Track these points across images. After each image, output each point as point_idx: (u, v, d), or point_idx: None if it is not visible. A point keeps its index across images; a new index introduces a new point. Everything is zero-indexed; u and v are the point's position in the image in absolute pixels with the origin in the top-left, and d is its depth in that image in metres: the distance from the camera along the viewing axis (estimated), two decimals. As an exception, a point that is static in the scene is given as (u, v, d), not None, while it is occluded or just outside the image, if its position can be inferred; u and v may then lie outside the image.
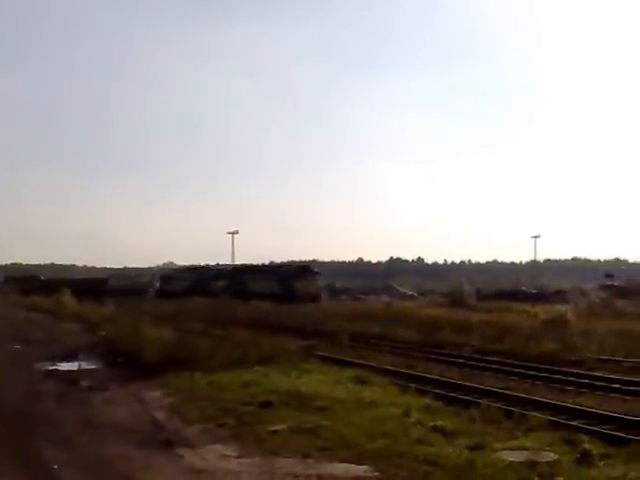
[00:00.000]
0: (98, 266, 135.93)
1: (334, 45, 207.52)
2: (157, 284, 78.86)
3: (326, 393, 12.52)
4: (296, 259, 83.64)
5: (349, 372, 15.58)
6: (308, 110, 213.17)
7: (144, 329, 20.60)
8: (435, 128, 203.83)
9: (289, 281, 57.37)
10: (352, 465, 8.17)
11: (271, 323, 31.83)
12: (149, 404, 12.67)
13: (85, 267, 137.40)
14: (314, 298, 52.89)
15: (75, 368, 17.78)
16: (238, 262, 78.49)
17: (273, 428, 9.87)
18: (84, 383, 15.18)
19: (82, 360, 19.04)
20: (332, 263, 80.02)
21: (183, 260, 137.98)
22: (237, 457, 8.70)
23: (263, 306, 42.60)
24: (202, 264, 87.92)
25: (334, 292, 71.93)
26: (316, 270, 63.18)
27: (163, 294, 64.82)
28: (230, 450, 9.03)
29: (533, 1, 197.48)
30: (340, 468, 8.11)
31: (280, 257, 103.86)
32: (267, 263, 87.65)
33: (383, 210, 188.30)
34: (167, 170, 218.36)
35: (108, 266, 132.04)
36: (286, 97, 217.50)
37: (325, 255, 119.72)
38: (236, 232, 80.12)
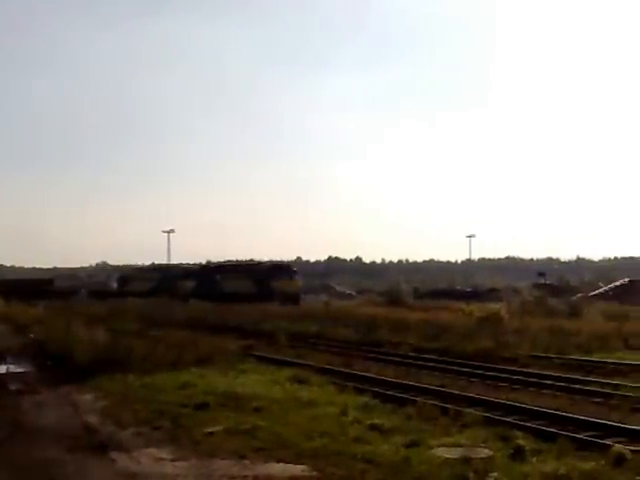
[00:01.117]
0: (26, 266, 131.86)
1: (266, 41, 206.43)
2: (114, 285, 74.82)
3: (263, 393, 12.47)
4: (233, 258, 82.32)
5: (287, 372, 15.54)
6: (240, 108, 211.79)
7: (75, 330, 20.04)
8: (370, 127, 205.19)
9: (267, 281, 54.26)
10: (289, 465, 8.12)
11: (210, 323, 31.50)
12: (81, 407, 12.32)
13: (13, 267, 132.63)
14: (294, 299, 49.90)
15: (3, 371, 17.17)
16: (174, 262, 77.15)
17: (209, 430, 9.74)
18: (13, 387, 14.67)
19: (10, 363, 18.40)
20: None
21: (116, 260, 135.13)
22: (172, 460, 8.54)
23: (202, 306, 42.14)
24: (166, 263, 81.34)
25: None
26: (295, 269, 60.37)
27: (121, 296, 58.59)
28: (165, 453, 8.85)
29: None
30: (277, 468, 8.06)
31: (217, 257, 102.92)
32: (236, 261, 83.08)
33: (321, 209, 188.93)
34: (99, 169, 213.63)
35: (37, 266, 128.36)
36: (218, 94, 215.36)
37: (262, 254, 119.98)
38: (172, 231, 78.89)
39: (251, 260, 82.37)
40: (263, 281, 54.43)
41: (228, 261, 72.97)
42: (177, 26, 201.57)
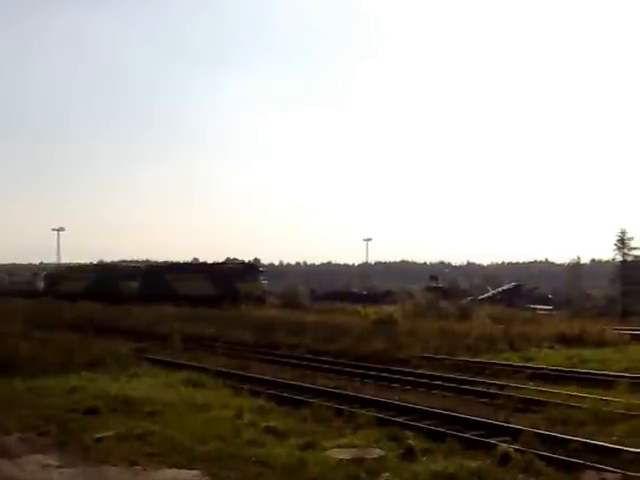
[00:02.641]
0: None
1: (172, 36, 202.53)
2: (40, 285, 67.64)
3: (156, 397, 12.23)
4: (127, 258, 79.90)
5: (181, 375, 15.32)
6: (142, 104, 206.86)
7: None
8: (270, 127, 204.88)
9: (230, 282, 49.16)
10: (182, 470, 8.00)
11: (101, 325, 30.54)
12: (-40, 414, 11.68)
13: None
14: (260, 301, 45.91)
15: None
16: (64, 261, 73.93)
17: (99, 435, 9.46)
18: None
19: None
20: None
21: (1, 259, 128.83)
22: (59, 467, 8.24)
23: (92, 307, 40.74)
24: (107, 261, 76.72)
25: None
26: (262, 269, 55.65)
27: (49, 296, 52.76)
28: (52, 460, 8.53)
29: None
30: (170, 474, 7.92)
31: (111, 256, 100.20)
32: (139, 261, 77.23)
33: (220, 210, 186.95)
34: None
35: None
36: (119, 93, 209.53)
37: (159, 255, 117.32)
38: (62, 229, 76.22)
39: (147, 260, 79.93)
40: (225, 282, 49.43)
41: (133, 260, 69.59)
42: (78, 22, 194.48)
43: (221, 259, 62.09)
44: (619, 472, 7.89)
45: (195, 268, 57.39)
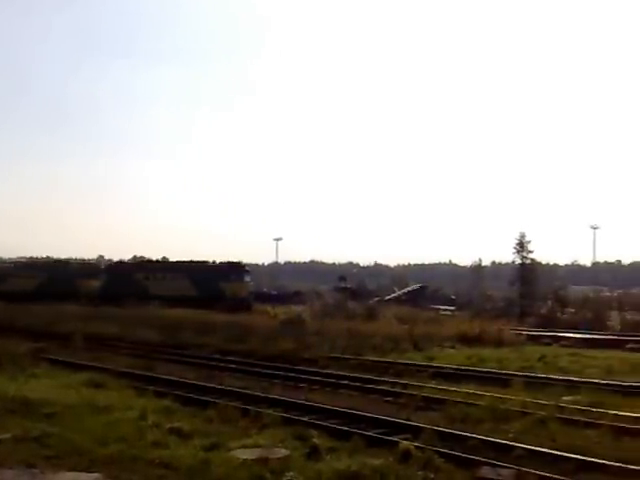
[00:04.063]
0: None
1: (81, 33, 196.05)
2: None
3: (56, 399, 11.90)
4: (35, 256, 76.45)
5: (83, 376, 14.98)
6: (53, 100, 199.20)
7: None
8: (179, 123, 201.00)
9: (213, 282, 45.93)
10: (82, 473, 7.80)
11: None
12: None
13: None
14: (245, 303, 43.08)
15: None
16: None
17: (-5, 438, 9.10)
18: None
19: None
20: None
21: None
22: (-49, 472, 7.87)
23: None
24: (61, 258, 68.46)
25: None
26: (247, 269, 51.33)
27: None
28: (-56, 464, 8.13)
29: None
30: (69, 477, 7.71)
31: (11, 253, 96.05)
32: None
33: (128, 208, 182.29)
34: None
35: None
36: (30, 87, 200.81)
37: (62, 252, 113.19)
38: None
39: (47, 257, 76.57)
40: (207, 282, 46.13)
41: (80, 259, 63.94)
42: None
43: (127, 257, 59.29)
44: (514, 468, 8.24)
45: (171, 266, 52.29)
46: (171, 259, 60.19)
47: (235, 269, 48.62)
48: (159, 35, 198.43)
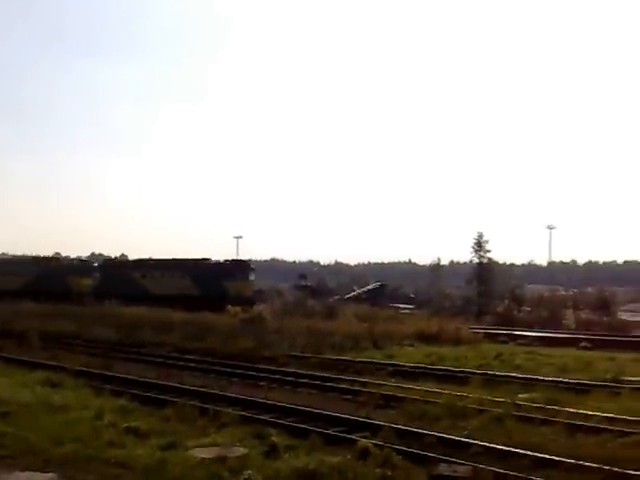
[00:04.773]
0: None
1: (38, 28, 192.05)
2: None
3: (10, 398, 11.73)
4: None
5: (38, 375, 14.78)
6: (2, 93, 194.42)
7: None
8: (139, 121, 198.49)
9: (217, 280, 43.23)
10: (36, 473, 7.71)
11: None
12: None
13: None
14: (250, 302, 40.35)
15: None
16: None
17: (-55, 438, 8.91)
18: None
19: None
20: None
21: None
22: None
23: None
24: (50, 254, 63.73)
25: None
26: (253, 266, 47.73)
27: None
28: None
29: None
30: (23, 477, 7.61)
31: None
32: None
33: (86, 205, 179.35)
34: None
35: None
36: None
37: (17, 249, 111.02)
38: None
39: (3, 254, 74.96)
40: (210, 281, 43.53)
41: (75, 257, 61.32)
42: None
43: (84, 254, 57.54)
44: (469, 465, 8.35)
45: (172, 264, 47.96)
46: (130, 257, 58.55)
47: (240, 267, 45.58)
48: (122, 33, 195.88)
